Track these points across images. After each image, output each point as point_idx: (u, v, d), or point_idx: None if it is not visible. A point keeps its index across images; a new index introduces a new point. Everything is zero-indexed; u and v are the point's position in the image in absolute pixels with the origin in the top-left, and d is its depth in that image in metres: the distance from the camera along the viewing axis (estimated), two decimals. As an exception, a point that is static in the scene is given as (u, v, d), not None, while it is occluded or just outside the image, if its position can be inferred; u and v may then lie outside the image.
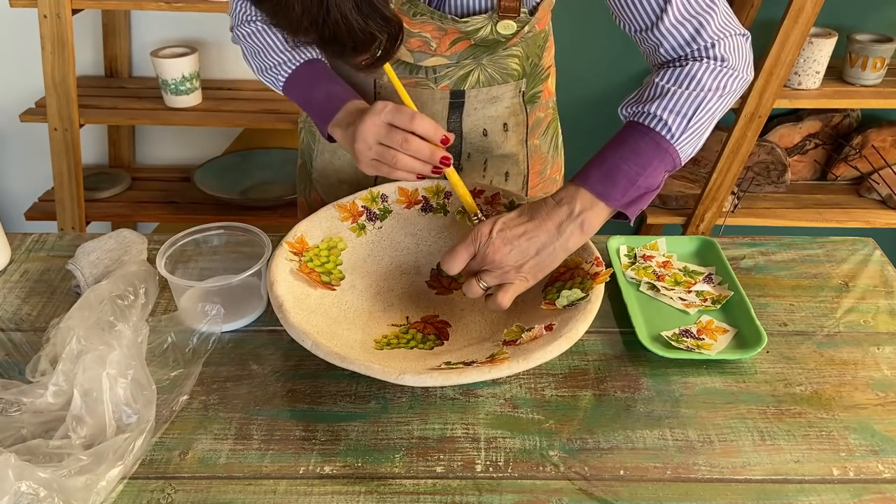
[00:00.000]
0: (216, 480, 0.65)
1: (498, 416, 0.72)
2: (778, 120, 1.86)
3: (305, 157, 1.05)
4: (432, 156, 0.76)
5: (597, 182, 0.72)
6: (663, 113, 0.72)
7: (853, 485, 0.65)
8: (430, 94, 0.90)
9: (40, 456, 0.62)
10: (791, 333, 0.83)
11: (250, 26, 0.87)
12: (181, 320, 0.80)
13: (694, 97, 0.72)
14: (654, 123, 0.73)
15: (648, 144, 0.72)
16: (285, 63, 0.86)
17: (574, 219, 0.72)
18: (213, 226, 0.87)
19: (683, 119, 0.72)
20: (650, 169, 0.72)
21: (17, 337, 0.81)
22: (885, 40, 1.61)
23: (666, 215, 1.77)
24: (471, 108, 0.92)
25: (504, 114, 0.95)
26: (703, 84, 0.73)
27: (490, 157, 0.97)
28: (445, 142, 0.76)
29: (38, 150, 1.89)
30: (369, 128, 0.76)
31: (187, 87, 1.69)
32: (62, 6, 1.50)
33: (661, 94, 0.73)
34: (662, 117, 0.72)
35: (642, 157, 0.72)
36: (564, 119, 1.10)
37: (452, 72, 0.88)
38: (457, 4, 0.81)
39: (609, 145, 0.74)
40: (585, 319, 0.70)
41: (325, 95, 0.84)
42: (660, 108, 0.72)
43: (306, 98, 0.86)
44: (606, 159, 0.73)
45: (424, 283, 0.86)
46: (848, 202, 1.81)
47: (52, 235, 0.98)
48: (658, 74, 0.75)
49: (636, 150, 0.72)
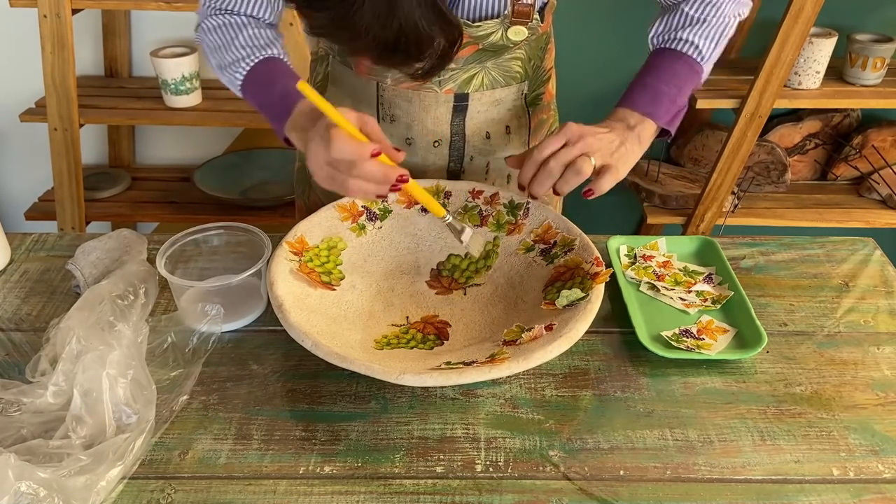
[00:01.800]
0: (216, 480, 0.65)
1: (498, 416, 0.72)
2: (778, 120, 1.86)
3: (304, 160, 1.04)
4: (386, 177, 0.71)
5: (644, 104, 0.82)
6: (696, 38, 0.83)
7: (853, 485, 0.65)
8: (434, 97, 0.89)
9: (40, 456, 0.62)
10: (791, 333, 0.83)
11: (220, 18, 0.84)
12: (181, 320, 0.80)
13: (719, 24, 0.83)
14: (686, 48, 0.83)
15: (683, 67, 0.83)
16: (244, 59, 0.83)
17: (632, 129, 0.80)
18: (213, 226, 0.87)
19: (712, 43, 0.83)
20: (685, 89, 0.83)
21: (17, 337, 0.81)
22: (885, 40, 1.61)
23: (666, 215, 1.77)
24: (474, 111, 0.92)
25: (507, 116, 0.95)
26: (725, 13, 0.84)
27: (493, 160, 0.97)
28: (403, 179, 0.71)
29: (38, 150, 1.89)
30: (317, 148, 0.72)
31: (187, 87, 1.69)
32: (62, 6, 1.50)
33: (692, 23, 0.83)
34: (695, 42, 0.83)
35: (679, 77, 0.82)
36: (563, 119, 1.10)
37: (457, 75, 0.88)
38: (469, 9, 0.81)
39: (647, 70, 0.84)
40: (585, 319, 0.70)
41: (282, 93, 0.81)
42: (692, 34, 0.83)
43: (263, 96, 0.83)
44: (648, 84, 0.82)
45: (424, 283, 0.86)
46: (848, 202, 1.81)
47: (52, 235, 0.98)
48: (687, 4, 0.84)
49: (674, 72, 0.83)
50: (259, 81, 0.83)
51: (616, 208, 2.05)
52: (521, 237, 0.85)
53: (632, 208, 2.04)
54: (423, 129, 0.92)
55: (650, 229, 1.90)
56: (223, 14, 0.85)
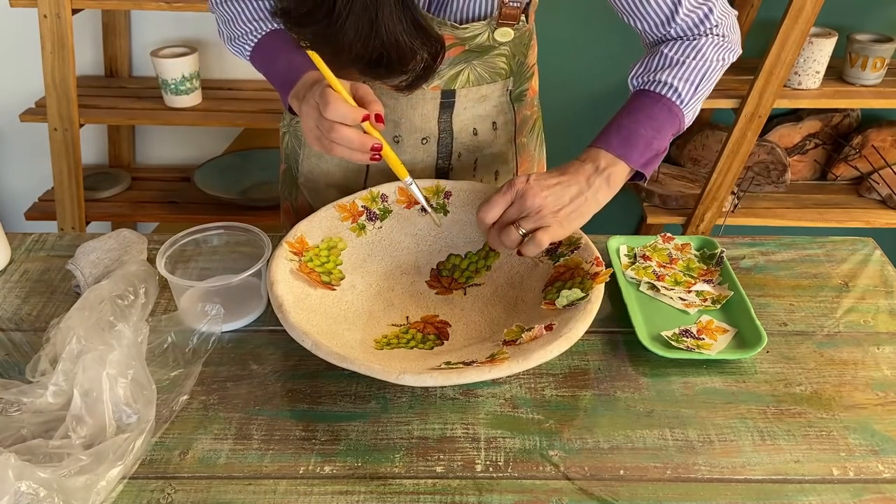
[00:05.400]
0: (216, 480, 0.65)
1: (498, 416, 0.72)
2: (778, 120, 1.86)
3: (290, 162, 1.04)
4: (363, 145, 0.74)
5: (618, 145, 0.79)
6: (674, 81, 0.80)
7: (853, 485, 0.65)
8: (422, 94, 0.90)
9: (40, 456, 0.62)
10: (791, 333, 0.83)
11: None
12: (181, 320, 0.80)
13: (700, 67, 0.81)
14: (665, 90, 0.80)
15: (661, 110, 0.80)
16: (251, 32, 0.86)
17: (601, 173, 0.78)
18: (213, 226, 0.87)
19: (692, 87, 0.81)
20: (663, 132, 0.80)
21: (17, 337, 0.81)
22: (885, 40, 1.61)
23: (666, 215, 1.77)
24: (461, 107, 0.92)
25: (493, 112, 0.95)
26: (707, 56, 0.81)
27: (480, 157, 0.97)
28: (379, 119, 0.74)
29: (38, 150, 1.89)
30: (308, 109, 0.75)
31: (187, 87, 1.69)
32: (62, 6, 1.50)
33: (671, 64, 0.81)
34: (674, 84, 0.80)
35: (656, 121, 0.80)
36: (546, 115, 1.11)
37: (443, 72, 0.88)
38: (457, 11, 0.81)
39: (624, 112, 0.81)
40: (585, 319, 0.70)
41: (286, 65, 0.83)
42: (671, 76, 0.80)
43: (269, 67, 0.86)
44: (623, 125, 0.80)
45: (424, 283, 0.86)
46: (848, 202, 1.81)
47: (52, 235, 0.98)
48: (667, 46, 0.82)
49: (650, 115, 0.80)
50: (265, 54, 0.86)
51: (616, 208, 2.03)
52: None
53: (632, 208, 2.04)
54: (410, 127, 0.93)
55: (650, 229, 1.90)
56: None
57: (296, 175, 1.03)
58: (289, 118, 1.01)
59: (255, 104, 1.74)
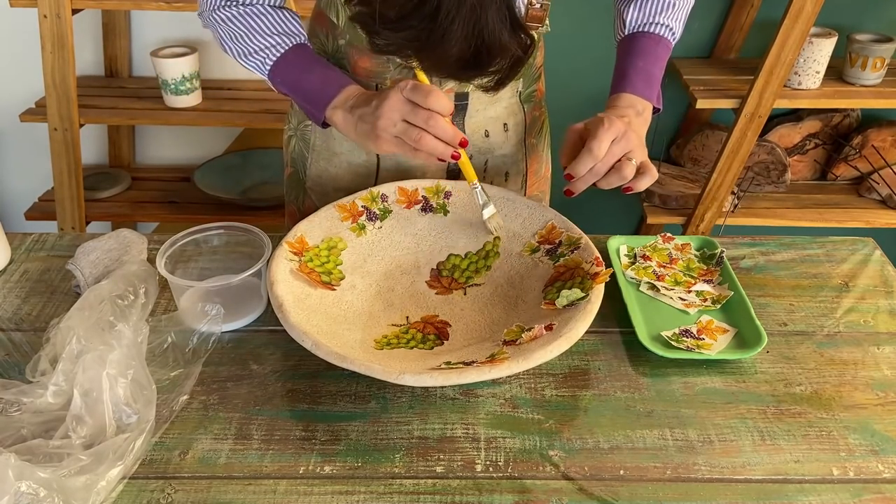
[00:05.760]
0: (216, 480, 0.65)
1: (498, 416, 0.72)
2: (778, 120, 1.86)
3: (297, 166, 1.03)
4: (454, 137, 0.76)
5: (643, 88, 0.87)
6: (671, 22, 0.90)
7: (853, 485, 0.65)
8: None
9: (40, 456, 0.62)
10: (791, 333, 0.83)
11: (229, 11, 0.85)
12: (181, 320, 0.80)
13: (685, 5, 0.91)
14: (664, 31, 0.90)
15: (664, 50, 0.90)
16: (274, 47, 0.85)
17: (641, 116, 0.86)
18: (213, 226, 0.87)
19: (681, 24, 0.92)
20: (663, 69, 0.91)
21: (17, 337, 0.81)
22: (885, 40, 1.61)
23: (666, 215, 1.77)
24: (473, 109, 0.93)
25: (503, 114, 0.95)
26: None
27: (491, 158, 0.97)
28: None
29: (38, 150, 1.89)
30: (394, 104, 0.75)
31: (187, 87, 1.69)
32: (62, 6, 1.50)
33: (666, 8, 0.90)
34: (671, 25, 0.90)
35: (661, 60, 0.90)
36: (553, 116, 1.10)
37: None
38: None
39: (637, 55, 0.89)
40: (585, 319, 0.70)
41: (322, 79, 0.84)
42: (668, 17, 0.90)
43: (297, 81, 0.85)
44: (640, 67, 0.88)
45: (424, 283, 0.86)
46: (848, 202, 1.81)
47: (52, 235, 0.98)
48: None
49: (657, 55, 0.90)
50: (292, 67, 0.86)
51: (616, 208, 2.05)
52: (525, 240, 0.85)
53: (632, 208, 2.04)
54: None
55: (650, 229, 1.90)
56: (235, 5, 0.86)
57: (303, 179, 1.02)
58: (296, 122, 1.00)
59: (255, 104, 1.74)
